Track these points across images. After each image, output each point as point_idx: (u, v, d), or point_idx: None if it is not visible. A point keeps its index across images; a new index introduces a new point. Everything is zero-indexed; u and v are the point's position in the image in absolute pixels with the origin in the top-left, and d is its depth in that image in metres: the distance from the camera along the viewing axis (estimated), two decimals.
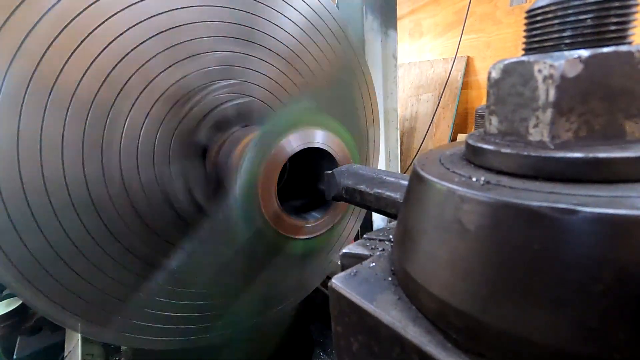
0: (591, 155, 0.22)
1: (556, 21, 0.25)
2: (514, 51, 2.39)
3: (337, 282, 0.31)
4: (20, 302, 1.13)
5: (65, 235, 0.63)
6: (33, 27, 0.57)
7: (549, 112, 0.23)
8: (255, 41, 0.78)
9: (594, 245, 0.18)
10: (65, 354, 0.94)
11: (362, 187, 0.53)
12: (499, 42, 2.52)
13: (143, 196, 0.68)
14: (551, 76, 0.23)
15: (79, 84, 0.60)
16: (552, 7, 0.25)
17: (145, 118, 0.67)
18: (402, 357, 0.25)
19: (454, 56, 2.62)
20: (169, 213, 0.71)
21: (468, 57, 2.70)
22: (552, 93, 0.23)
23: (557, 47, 0.25)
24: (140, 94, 0.66)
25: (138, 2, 0.64)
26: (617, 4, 0.24)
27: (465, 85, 2.72)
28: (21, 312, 1.13)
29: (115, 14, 0.62)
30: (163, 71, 0.68)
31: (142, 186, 0.68)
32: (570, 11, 0.24)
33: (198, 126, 0.73)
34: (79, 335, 0.91)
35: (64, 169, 0.61)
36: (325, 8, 0.89)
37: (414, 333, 0.25)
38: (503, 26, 2.48)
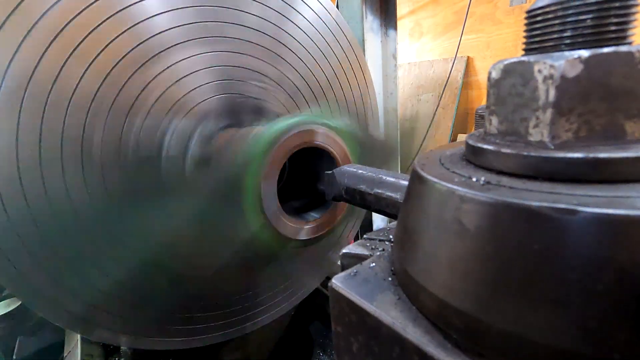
0: (591, 155, 0.22)
1: (556, 21, 0.25)
2: (514, 51, 2.39)
3: (337, 282, 0.31)
4: (20, 302, 1.13)
5: (65, 235, 0.63)
6: (33, 27, 0.57)
7: (549, 112, 0.23)
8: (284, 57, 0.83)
9: (594, 245, 0.18)
10: (64, 354, 0.94)
11: (362, 187, 0.53)
12: (499, 42, 2.52)
13: (135, 144, 0.68)
14: (551, 76, 0.23)
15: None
16: (553, 7, 0.25)
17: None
18: (402, 357, 0.25)
19: (454, 56, 2.62)
20: (155, 183, 0.71)
21: (468, 57, 2.70)
22: (552, 93, 0.23)
23: (557, 47, 0.25)
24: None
25: None
26: (617, 4, 0.24)
27: (465, 85, 2.72)
28: (21, 312, 1.13)
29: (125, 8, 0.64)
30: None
31: (141, 129, 0.68)
32: (570, 11, 0.24)
33: (227, 105, 0.76)
34: (79, 335, 0.91)
35: (63, 169, 0.61)
36: (327, 10, 0.90)
37: (414, 333, 0.25)
38: (503, 26, 2.48)
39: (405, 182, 0.48)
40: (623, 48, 0.23)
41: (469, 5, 2.45)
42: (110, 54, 0.63)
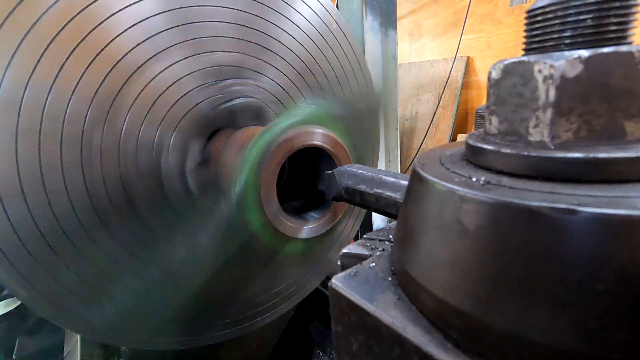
0: (591, 155, 0.22)
1: (556, 21, 0.25)
2: (514, 51, 2.39)
3: (337, 282, 0.31)
4: (20, 302, 1.12)
5: (64, 236, 0.63)
6: (31, 27, 0.57)
7: (549, 112, 0.23)
8: (274, 50, 0.81)
9: (594, 245, 0.18)
10: (64, 355, 0.94)
11: (362, 187, 0.53)
12: (499, 42, 2.52)
13: (134, 163, 0.68)
14: (551, 76, 0.23)
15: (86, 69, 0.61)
16: (553, 7, 0.25)
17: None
18: (402, 357, 0.25)
19: (454, 56, 2.63)
20: (157, 191, 0.71)
21: (468, 57, 2.70)
22: (552, 93, 0.23)
23: (557, 47, 0.25)
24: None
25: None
26: (617, 4, 0.24)
27: (465, 85, 2.72)
28: (20, 312, 1.13)
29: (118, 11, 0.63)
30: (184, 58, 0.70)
31: (137, 147, 0.67)
32: (570, 11, 0.24)
33: (217, 108, 0.74)
34: (78, 335, 0.91)
35: (62, 170, 0.61)
36: (327, 9, 0.90)
37: (414, 333, 0.25)
38: (503, 26, 2.48)
39: (405, 182, 0.48)
40: (623, 48, 0.23)
41: (469, 5, 2.45)
42: (89, 80, 0.62)
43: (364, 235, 0.43)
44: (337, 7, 1.28)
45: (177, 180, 0.72)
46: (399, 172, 1.38)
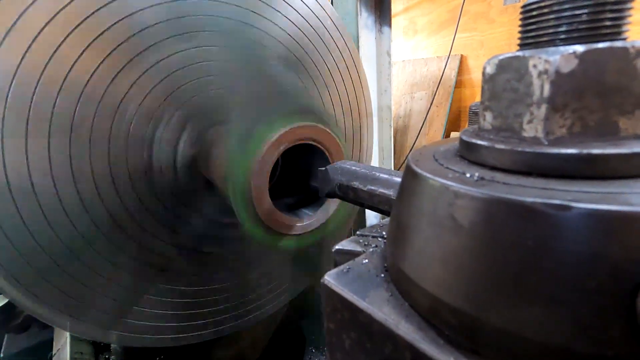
0: (585, 151, 0.22)
1: (551, 16, 0.25)
2: (508, 50, 2.40)
3: (329, 278, 0.31)
4: (7, 300, 1.11)
5: (53, 233, 0.62)
6: (19, 18, 0.56)
7: (544, 108, 0.23)
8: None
9: (588, 241, 0.18)
10: (53, 352, 0.93)
11: (356, 184, 0.53)
12: (493, 41, 2.54)
13: (130, 187, 0.67)
14: (546, 71, 0.23)
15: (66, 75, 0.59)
16: (548, 2, 0.25)
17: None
18: (394, 354, 0.25)
19: (448, 54, 2.63)
20: (155, 205, 0.70)
21: (462, 55, 2.71)
22: (546, 88, 0.23)
23: (552, 43, 0.25)
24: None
25: None
26: None
27: (458, 83, 2.73)
28: (8, 309, 1.12)
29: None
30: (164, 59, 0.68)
31: (130, 174, 0.67)
32: (565, 6, 0.24)
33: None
34: (68, 333, 0.90)
35: (50, 165, 0.60)
36: (321, 6, 0.89)
37: (407, 330, 0.25)
38: (497, 25, 2.49)
39: (399, 179, 0.47)
40: (618, 44, 0.22)
41: (463, 4, 2.46)
42: (100, 48, 0.62)
43: (357, 232, 0.43)
44: (332, 3, 1.28)
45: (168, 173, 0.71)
46: (393, 169, 1.38)
